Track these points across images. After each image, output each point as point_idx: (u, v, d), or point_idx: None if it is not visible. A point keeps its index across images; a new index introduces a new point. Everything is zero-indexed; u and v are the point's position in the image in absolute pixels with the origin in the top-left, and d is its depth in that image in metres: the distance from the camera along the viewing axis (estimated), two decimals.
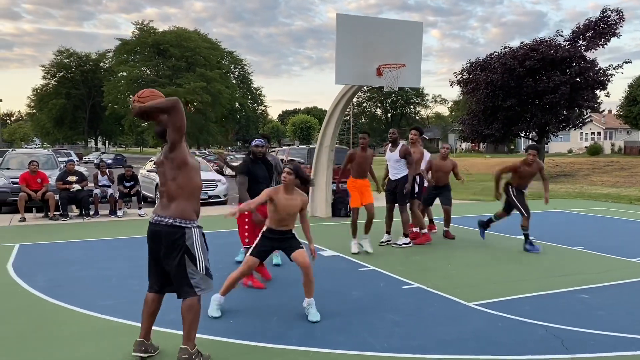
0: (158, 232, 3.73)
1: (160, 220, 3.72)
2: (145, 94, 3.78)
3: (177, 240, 3.68)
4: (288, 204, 5.00)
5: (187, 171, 3.73)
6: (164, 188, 3.80)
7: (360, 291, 5.90)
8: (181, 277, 3.73)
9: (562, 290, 5.96)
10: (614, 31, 25.04)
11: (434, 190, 9.40)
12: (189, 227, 3.73)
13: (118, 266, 7.08)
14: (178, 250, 3.69)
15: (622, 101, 53.05)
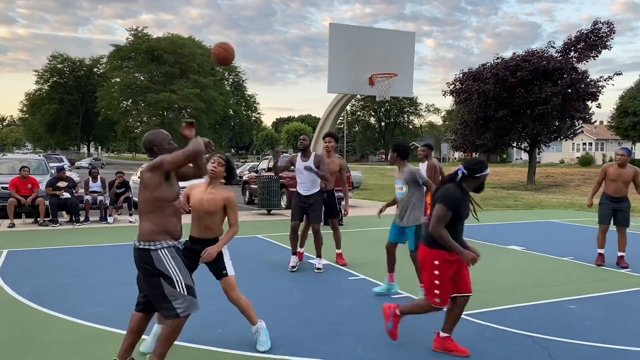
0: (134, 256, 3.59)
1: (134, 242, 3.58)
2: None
3: (147, 264, 3.49)
4: (208, 199, 4.31)
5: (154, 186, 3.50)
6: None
7: (349, 300, 5.90)
8: (159, 300, 3.51)
9: (550, 300, 5.98)
10: (604, 43, 25.30)
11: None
12: (155, 250, 3.50)
13: (107, 273, 7.05)
14: (151, 274, 3.49)
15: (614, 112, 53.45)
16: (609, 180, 7.92)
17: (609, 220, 7.97)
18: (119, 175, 12.70)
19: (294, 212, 7.24)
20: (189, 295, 3.56)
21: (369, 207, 16.80)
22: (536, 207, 17.45)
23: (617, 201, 7.89)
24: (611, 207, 7.92)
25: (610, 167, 7.98)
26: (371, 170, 47.43)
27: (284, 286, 6.47)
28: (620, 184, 7.84)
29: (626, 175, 7.79)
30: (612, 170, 7.89)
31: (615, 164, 7.90)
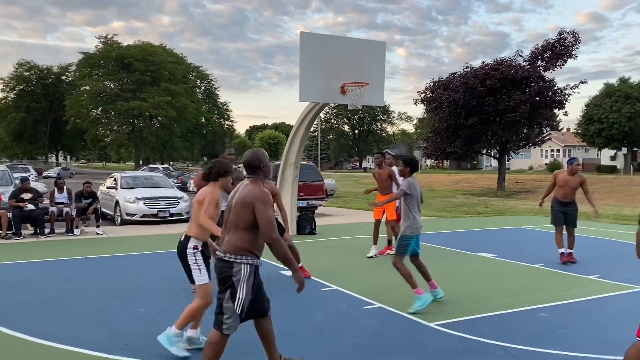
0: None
1: (218, 252, 3.80)
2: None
3: (226, 273, 3.68)
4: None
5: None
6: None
7: (322, 312, 5.81)
8: (218, 308, 3.72)
9: (521, 309, 5.99)
10: (570, 52, 25.89)
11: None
12: (239, 263, 3.66)
13: (71, 288, 6.81)
14: (224, 283, 3.68)
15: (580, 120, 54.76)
16: (559, 186, 8.62)
17: (562, 222, 8.67)
18: (86, 186, 12.39)
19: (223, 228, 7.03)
20: (239, 315, 3.70)
21: (342, 216, 16.76)
22: (506, 214, 17.65)
23: (566, 205, 8.62)
24: (561, 210, 8.65)
25: (560, 173, 8.70)
26: (345, 177, 47.50)
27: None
28: (568, 190, 8.54)
29: (573, 182, 8.50)
30: (562, 177, 8.59)
31: (565, 171, 8.63)
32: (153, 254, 9.44)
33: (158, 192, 14.98)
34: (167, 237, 11.62)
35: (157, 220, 14.27)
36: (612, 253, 9.83)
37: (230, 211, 3.76)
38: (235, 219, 3.67)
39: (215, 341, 3.70)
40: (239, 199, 3.68)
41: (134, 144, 60.96)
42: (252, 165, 3.76)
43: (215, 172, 4.55)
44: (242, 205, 3.62)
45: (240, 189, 3.75)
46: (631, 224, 14.62)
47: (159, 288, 6.83)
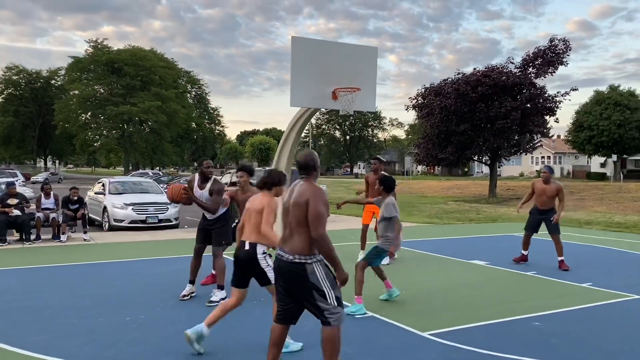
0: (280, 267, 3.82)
1: (282, 255, 3.80)
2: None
3: (300, 277, 3.72)
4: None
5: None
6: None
7: (312, 322, 5.65)
8: (314, 310, 3.76)
9: (515, 317, 5.91)
10: (561, 59, 26.00)
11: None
12: (310, 263, 3.71)
13: (56, 296, 6.64)
14: (303, 287, 3.72)
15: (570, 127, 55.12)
16: (537, 195, 8.91)
17: (533, 229, 9.02)
18: (73, 191, 12.20)
19: (197, 234, 6.79)
20: (338, 306, 3.76)
21: (334, 222, 16.64)
22: (498, 220, 17.63)
23: (544, 213, 8.87)
24: (538, 217, 8.95)
25: (537, 182, 8.98)
26: (336, 183, 47.41)
27: (243, 307, 6.18)
28: (545, 198, 8.80)
29: (550, 190, 8.75)
30: (538, 186, 8.89)
31: (540, 180, 8.88)
32: (141, 261, 9.27)
33: (147, 198, 14.79)
34: (156, 244, 11.46)
35: (146, 227, 14.08)
36: (604, 261, 9.79)
37: (286, 212, 3.86)
38: (295, 219, 3.76)
39: (331, 337, 3.75)
40: (295, 200, 3.77)
41: (124, 149, 60.55)
42: (307, 166, 3.89)
43: (271, 181, 4.76)
44: (299, 205, 3.73)
45: (296, 190, 3.84)
46: (622, 231, 14.64)
47: (146, 296, 6.68)
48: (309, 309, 3.80)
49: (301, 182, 3.87)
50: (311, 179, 3.88)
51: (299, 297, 3.78)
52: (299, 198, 3.73)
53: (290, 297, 3.84)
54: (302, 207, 3.70)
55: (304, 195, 3.72)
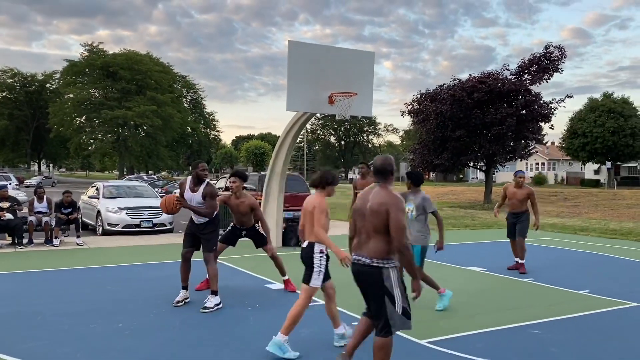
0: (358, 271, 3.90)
1: (358, 259, 3.86)
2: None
3: (374, 281, 3.78)
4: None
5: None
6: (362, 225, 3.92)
7: (310, 328, 5.61)
8: (378, 315, 3.80)
9: (513, 325, 5.84)
10: (556, 66, 26.07)
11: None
12: (387, 268, 3.77)
13: (48, 302, 6.52)
14: (376, 290, 3.79)
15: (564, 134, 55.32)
16: (508, 199, 9.13)
17: (514, 234, 9.13)
18: (66, 195, 12.07)
19: (184, 239, 6.64)
20: (403, 316, 3.82)
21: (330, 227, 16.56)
22: (494, 227, 17.57)
23: (515, 216, 9.08)
24: (511, 221, 9.14)
25: (509, 187, 9.17)
26: None
27: (238, 314, 6.12)
28: (516, 202, 9.01)
29: (520, 194, 8.95)
30: (510, 190, 9.10)
31: (513, 184, 9.07)
32: (134, 266, 9.16)
33: (141, 202, 14.68)
34: (150, 248, 11.35)
35: (140, 231, 13.96)
36: (601, 268, 9.74)
37: (362, 217, 3.88)
38: (372, 224, 3.78)
39: (385, 344, 3.82)
40: (374, 205, 3.78)
41: (119, 153, 60.32)
42: (384, 171, 3.91)
43: (324, 180, 4.89)
44: (378, 211, 3.74)
45: (373, 195, 3.85)
46: (618, 238, 14.62)
47: (140, 302, 6.58)
48: (374, 311, 3.86)
49: (377, 188, 3.87)
50: (387, 185, 3.88)
51: (371, 298, 3.85)
52: (378, 207, 3.74)
53: (365, 298, 3.94)
54: (381, 215, 3.72)
55: (384, 204, 3.73)
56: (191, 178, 6.50)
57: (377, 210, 3.74)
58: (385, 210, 3.70)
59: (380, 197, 3.77)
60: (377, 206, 3.75)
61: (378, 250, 3.77)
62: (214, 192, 6.43)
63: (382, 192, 3.82)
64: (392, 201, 3.73)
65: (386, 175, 3.89)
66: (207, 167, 6.60)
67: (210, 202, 6.34)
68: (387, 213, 3.70)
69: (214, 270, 6.43)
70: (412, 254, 3.72)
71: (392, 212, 3.69)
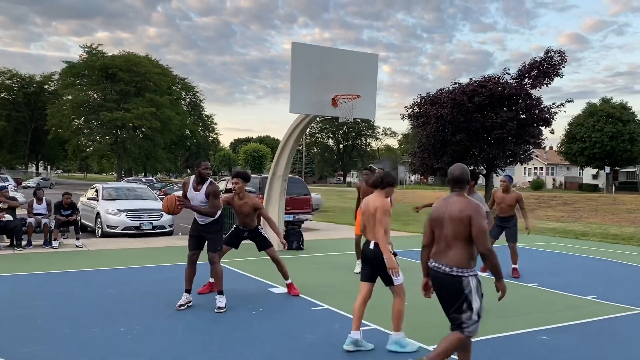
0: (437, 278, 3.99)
1: (438, 267, 3.95)
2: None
3: (454, 288, 3.89)
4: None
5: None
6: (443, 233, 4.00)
7: (313, 334, 5.51)
8: (455, 319, 3.94)
9: (521, 331, 5.75)
10: (557, 71, 26.06)
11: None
12: (467, 277, 3.87)
13: (48, 305, 6.42)
14: (455, 297, 3.90)
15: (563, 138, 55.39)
16: (497, 203, 9.19)
17: (496, 236, 9.14)
18: (66, 197, 11.96)
19: (189, 241, 6.54)
20: (478, 320, 3.94)
21: (329, 230, 16.48)
22: None
23: (504, 220, 9.14)
24: (499, 225, 9.16)
25: (498, 191, 9.24)
26: (330, 192, 47.27)
27: (242, 318, 6.02)
28: (505, 206, 9.08)
29: (509, 199, 9.04)
30: (498, 195, 9.17)
31: (499, 189, 9.16)
32: (135, 269, 9.05)
33: (141, 204, 14.56)
34: (150, 251, 11.24)
35: (140, 233, 13.85)
36: (605, 273, 9.67)
37: (440, 225, 3.97)
38: (453, 232, 3.87)
39: (457, 339, 3.94)
40: (454, 213, 3.87)
41: (117, 155, 60.16)
42: (461, 180, 4.02)
43: (384, 181, 5.03)
44: (459, 219, 3.84)
45: (452, 203, 3.94)
46: (619, 242, 14.55)
47: (141, 305, 6.47)
48: (450, 315, 3.97)
49: (455, 197, 3.97)
50: (464, 193, 4.02)
51: (448, 305, 3.96)
52: (460, 214, 3.85)
53: (442, 305, 4.05)
54: (463, 222, 3.83)
55: (465, 211, 3.84)
56: (194, 177, 6.41)
57: (459, 218, 3.84)
58: (467, 217, 3.82)
59: (461, 204, 3.89)
60: (458, 214, 3.86)
61: (458, 259, 3.87)
62: (217, 190, 6.34)
63: (462, 200, 3.93)
64: (473, 208, 3.85)
65: (463, 184, 4.02)
66: (210, 166, 6.51)
67: (213, 201, 6.25)
68: (469, 219, 3.81)
69: (219, 271, 6.36)
70: (496, 257, 3.83)
71: (474, 218, 3.81)
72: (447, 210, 3.94)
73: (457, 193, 4.00)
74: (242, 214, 7.03)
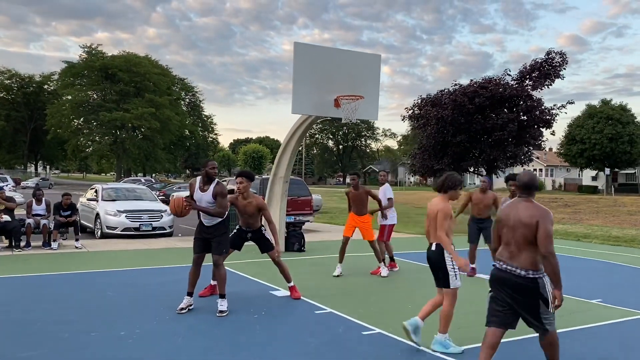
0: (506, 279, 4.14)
1: (511, 270, 4.11)
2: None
3: (531, 290, 4.06)
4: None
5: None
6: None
7: (317, 338, 5.42)
8: (533, 319, 4.11)
9: (527, 335, 5.65)
10: (557, 72, 26.02)
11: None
12: (541, 278, 4.07)
13: (47, 308, 6.32)
14: (531, 298, 4.06)
15: (562, 140, 55.34)
16: (473, 204, 9.18)
17: (476, 239, 9.18)
18: (65, 197, 11.87)
19: (194, 243, 6.45)
20: (553, 313, 4.15)
21: (330, 232, 16.38)
22: None
23: (481, 221, 9.16)
24: (476, 226, 9.20)
25: (475, 192, 9.25)
26: (330, 193, 47.16)
27: (244, 322, 5.93)
28: (482, 207, 9.10)
29: (486, 200, 9.07)
30: (475, 196, 9.17)
31: (478, 190, 9.17)
32: (135, 271, 8.96)
33: (141, 205, 14.47)
34: (150, 252, 11.15)
35: (139, 234, 13.75)
36: (609, 275, 9.59)
37: (511, 229, 4.13)
38: (523, 237, 4.06)
39: (552, 341, 4.17)
40: (524, 218, 4.06)
41: (116, 155, 60.05)
42: (530, 186, 4.21)
43: (447, 185, 5.11)
44: (529, 223, 4.03)
45: (522, 209, 4.12)
46: (621, 245, 14.47)
47: (142, 308, 6.38)
48: (527, 318, 4.13)
49: (524, 203, 4.16)
50: (531, 199, 4.20)
51: (523, 308, 4.10)
52: (529, 219, 4.04)
53: (515, 306, 4.13)
54: (532, 227, 4.02)
55: (534, 217, 4.03)
56: (201, 177, 6.32)
57: (528, 223, 4.03)
58: (536, 222, 4.00)
59: (530, 210, 4.08)
60: (528, 219, 4.04)
61: (532, 262, 4.05)
62: (225, 191, 6.24)
63: (531, 205, 4.12)
64: (542, 213, 4.06)
65: (531, 190, 4.22)
66: (217, 165, 6.41)
67: (221, 201, 6.14)
68: (537, 224, 4.00)
69: (223, 274, 6.27)
70: (557, 262, 3.96)
71: (542, 222, 4.00)
72: (517, 215, 4.12)
73: (524, 198, 4.19)
74: (246, 214, 6.94)
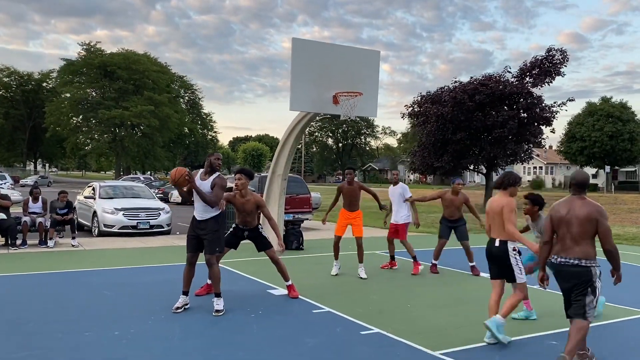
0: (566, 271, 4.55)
1: (565, 261, 4.53)
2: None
3: (584, 277, 4.47)
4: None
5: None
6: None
7: (315, 338, 5.33)
8: (577, 303, 4.46)
9: (530, 335, 5.58)
10: (558, 69, 25.89)
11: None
12: (594, 267, 4.49)
13: (41, 307, 6.23)
14: (583, 285, 4.46)
15: (562, 138, 55.23)
16: (445, 206, 9.15)
17: (447, 236, 9.19)
18: (62, 195, 11.77)
19: (187, 242, 6.34)
20: (595, 306, 4.50)
21: (328, 230, 16.28)
22: None
23: (452, 222, 9.19)
24: (449, 225, 9.20)
25: (446, 193, 9.21)
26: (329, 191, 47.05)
27: (241, 321, 5.84)
28: (454, 209, 9.11)
29: (458, 201, 9.07)
30: (447, 197, 9.14)
31: (449, 191, 9.14)
32: (131, 269, 8.86)
33: (138, 203, 14.38)
34: (147, 251, 11.06)
35: (137, 233, 13.66)
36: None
37: (566, 225, 4.51)
38: (580, 231, 4.45)
39: (584, 326, 4.42)
40: (582, 214, 4.44)
41: (115, 153, 59.91)
42: (584, 185, 4.59)
43: (506, 181, 5.39)
44: (588, 220, 4.42)
45: (578, 206, 4.49)
46: (622, 243, 14.37)
47: (137, 308, 6.29)
48: (574, 303, 4.48)
49: (579, 200, 4.52)
50: (584, 196, 4.56)
51: (576, 290, 4.48)
52: (588, 215, 4.42)
53: (571, 295, 4.52)
54: (591, 223, 4.41)
55: (592, 214, 4.41)
56: (204, 168, 6.31)
57: (587, 219, 4.42)
58: (595, 219, 4.40)
59: (588, 208, 4.45)
60: (586, 215, 4.43)
61: (587, 253, 4.46)
62: (224, 184, 6.21)
63: (587, 202, 4.49)
64: (598, 210, 4.45)
65: (584, 188, 4.57)
66: (222, 157, 6.38)
67: (217, 191, 6.10)
68: (596, 221, 4.40)
69: (217, 273, 6.18)
70: (619, 255, 4.45)
71: (601, 220, 4.41)
72: (574, 212, 4.48)
73: (578, 196, 4.55)
74: (244, 211, 6.86)
